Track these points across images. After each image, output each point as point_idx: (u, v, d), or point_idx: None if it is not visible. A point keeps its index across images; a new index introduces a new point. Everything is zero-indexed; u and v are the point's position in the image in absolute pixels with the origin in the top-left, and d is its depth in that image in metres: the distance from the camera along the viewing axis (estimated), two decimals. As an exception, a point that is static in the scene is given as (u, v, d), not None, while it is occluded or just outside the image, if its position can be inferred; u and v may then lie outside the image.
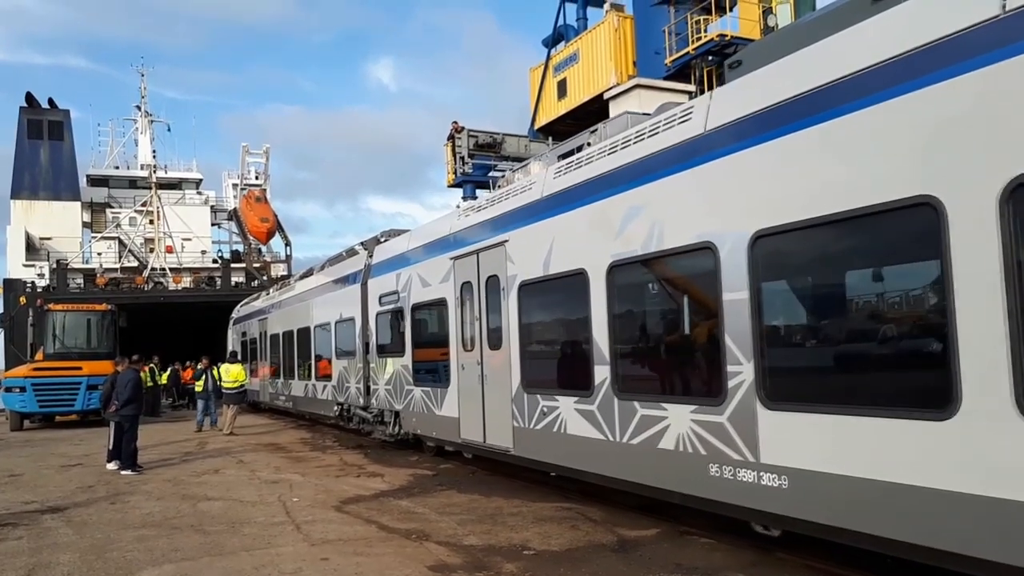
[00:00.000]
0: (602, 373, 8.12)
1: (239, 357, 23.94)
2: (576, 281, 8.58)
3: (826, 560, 6.53)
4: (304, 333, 20.53)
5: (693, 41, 23.78)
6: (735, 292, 6.41)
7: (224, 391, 20.87)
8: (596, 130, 9.95)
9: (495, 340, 10.45)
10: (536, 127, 31.54)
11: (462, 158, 30.68)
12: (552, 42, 30.72)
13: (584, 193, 8.56)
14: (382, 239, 16.36)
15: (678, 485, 7.17)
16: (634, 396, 7.73)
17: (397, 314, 14.01)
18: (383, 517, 9.24)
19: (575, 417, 8.63)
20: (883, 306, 5.62)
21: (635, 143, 7.88)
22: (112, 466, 14.04)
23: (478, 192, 29.58)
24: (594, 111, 28.48)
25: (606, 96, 26.71)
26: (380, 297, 14.88)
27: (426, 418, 12.92)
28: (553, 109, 30.24)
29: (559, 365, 9.35)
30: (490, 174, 30.55)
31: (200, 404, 21.80)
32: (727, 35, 23.45)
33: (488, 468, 12.21)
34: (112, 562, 7.61)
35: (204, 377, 21.48)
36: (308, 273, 22.21)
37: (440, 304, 12.14)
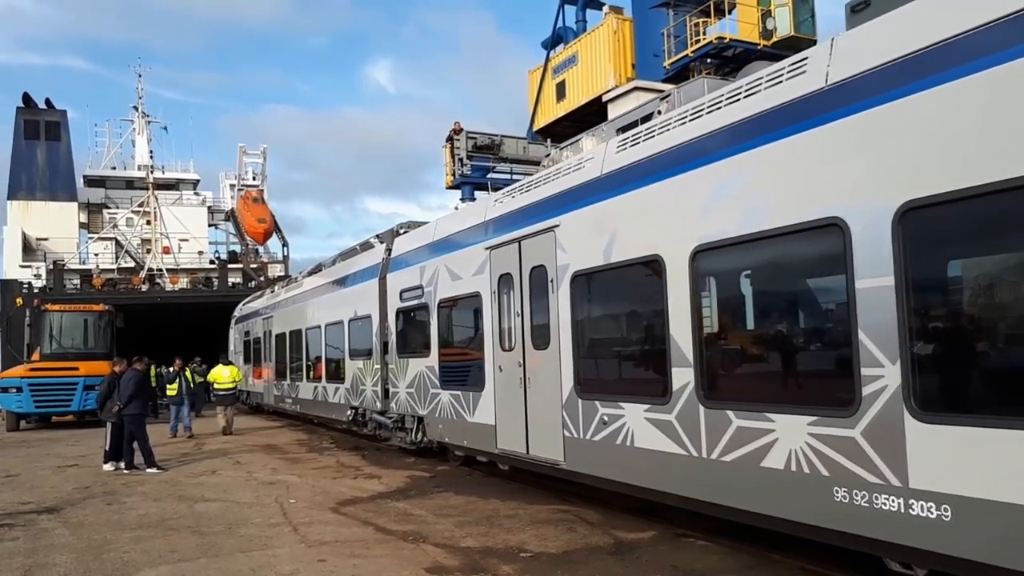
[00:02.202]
0: (683, 377, 6.95)
1: (229, 358, 23.54)
2: (647, 270, 7.45)
3: (821, 563, 6.53)
4: (314, 332, 19.47)
5: (692, 44, 23.82)
6: (874, 278, 5.26)
7: (218, 393, 20.91)
8: (668, 96, 8.81)
9: (541, 339, 9.32)
10: (535, 129, 31.58)
11: (461, 160, 30.69)
12: (551, 44, 30.79)
13: (659, 167, 7.36)
14: (401, 231, 15.30)
15: (787, 511, 5.98)
16: (728, 404, 6.50)
17: (421, 311, 12.93)
18: (380, 519, 9.23)
19: (646, 428, 7.43)
20: None
21: (727, 105, 6.69)
22: (109, 467, 14.03)
23: (476, 194, 29.58)
24: (593, 113, 28.55)
25: (605, 98, 26.76)
26: (401, 292, 13.78)
27: (455, 425, 11.72)
28: (552, 111, 30.28)
29: (624, 367, 8.29)
30: (488, 176, 30.58)
31: (173, 409, 20.09)
32: (726, 38, 23.51)
33: (485, 470, 12.20)
34: (109, 563, 7.59)
35: (177, 380, 20.13)
36: (317, 269, 21.23)
37: (473, 299, 11.01)
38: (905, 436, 5.07)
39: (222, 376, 20.86)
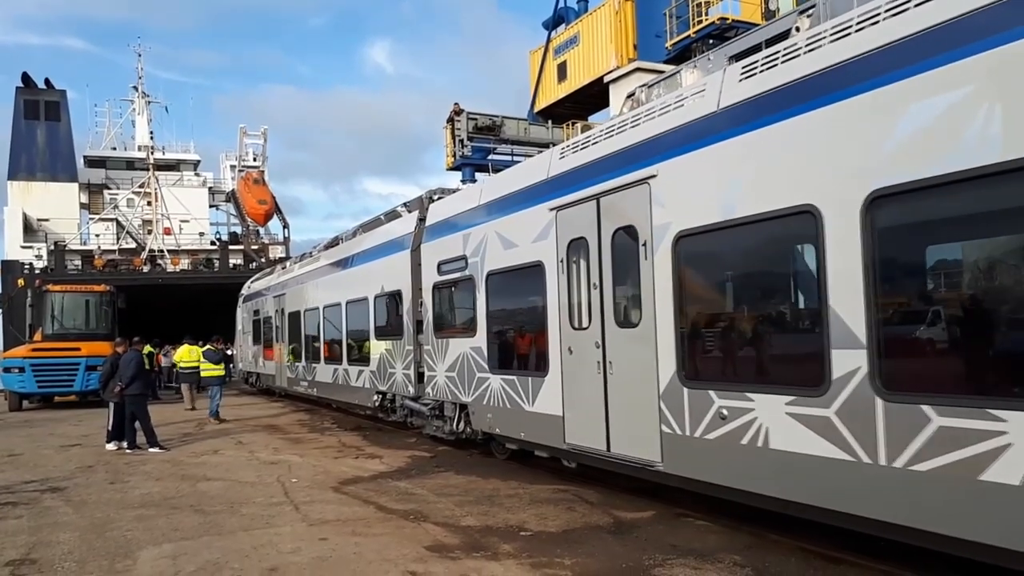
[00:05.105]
0: (848, 361, 5.48)
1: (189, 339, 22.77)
2: (793, 224, 6.01)
3: (820, 542, 6.58)
4: (333, 310, 18.07)
5: (694, 24, 23.66)
6: None
7: (183, 371, 21.91)
8: (809, 9, 7.20)
9: (628, 315, 7.92)
10: (536, 110, 31.52)
11: (461, 141, 30.61)
12: (552, 24, 30.63)
13: (811, 92, 5.87)
14: (435, 197, 13.92)
15: None
16: (923, 397, 5.04)
17: (465, 284, 11.46)
18: (381, 498, 9.29)
19: (788, 425, 5.99)
20: None
21: (917, 6, 5.20)
22: (111, 446, 14.10)
23: (477, 175, 29.52)
24: (594, 94, 28.45)
25: (606, 79, 26.65)
26: (439, 265, 12.31)
27: (509, 415, 10.29)
28: (553, 92, 30.19)
29: (753, 348, 6.73)
30: (489, 157, 30.52)
31: (214, 390, 19.29)
32: (728, 18, 23.36)
33: (485, 450, 12.25)
34: (112, 541, 7.66)
35: (222, 361, 19.82)
36: (335, 243, 19.86)
37: (533, 269, 9.53)
38: None
39: (188, 355, 21.68)
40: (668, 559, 6.52)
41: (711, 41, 23.72)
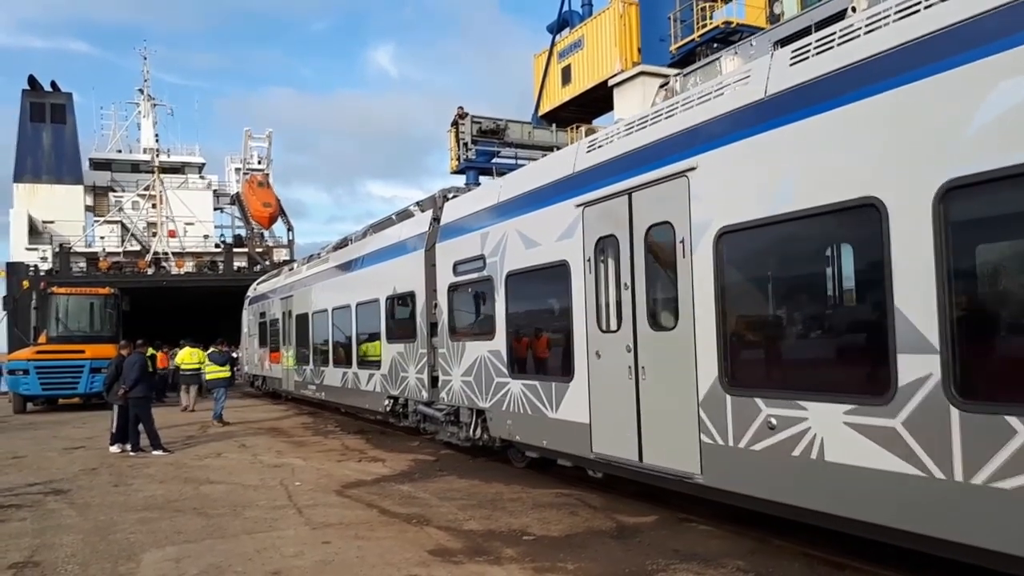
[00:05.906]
0: (917, 366, 5.01)
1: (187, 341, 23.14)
2: (851, 219, 5.60)
3: (824, 548, 6.56)
4: (343, 312, 17.55)
5: (698, 28, 23.69)
6: None
7: (184, 373, 22.34)
8: None
9: (663, 316, 7.47)
10: (540, 114, 31.57)
11: (465, 144, 30.68)
12: (557, 28, 30.71)
13: (872, 76, 5.40)
14: (449, 196, 13.37)
15: None
16: (1006, 406, 4.57)
17: (482, 285, 11.02)
18: (384, 501, 9.29)
19: (847, 436, 5.49)
20: None
21: None
22: (115, 449, 14.12)
23: (481, 179, 29.56)
24: (598, 98, 28.51)
25: (610, 83, 26.69)
26: (455, 265, 11.85)
27: (531, 421, 9.79)
28: (557, 95, 30.26)
29: (807, 352, 6.30)
30: (493, 160, 30.59)
31: (220, 392, 19.21)
32: (732, 22, 23.40)
33: (488, 455, 12.24)
34: (115, 544, 7.67)
35: (227, 362, 19.90)
36: (344, 243, 19.36)
37: (557, 269, 9.08)
38: None
39: (189, 358, 22.17)
40: (671, 564, 6.50)
41: (715, 45, 23.77)
